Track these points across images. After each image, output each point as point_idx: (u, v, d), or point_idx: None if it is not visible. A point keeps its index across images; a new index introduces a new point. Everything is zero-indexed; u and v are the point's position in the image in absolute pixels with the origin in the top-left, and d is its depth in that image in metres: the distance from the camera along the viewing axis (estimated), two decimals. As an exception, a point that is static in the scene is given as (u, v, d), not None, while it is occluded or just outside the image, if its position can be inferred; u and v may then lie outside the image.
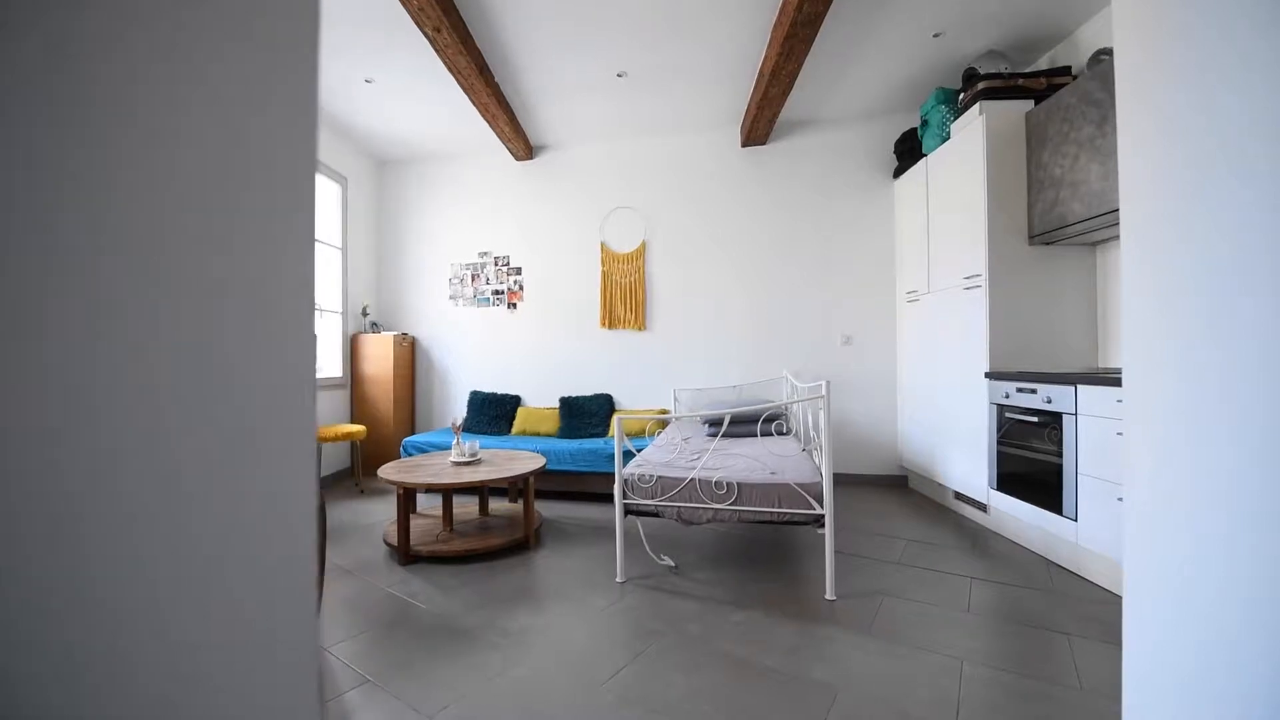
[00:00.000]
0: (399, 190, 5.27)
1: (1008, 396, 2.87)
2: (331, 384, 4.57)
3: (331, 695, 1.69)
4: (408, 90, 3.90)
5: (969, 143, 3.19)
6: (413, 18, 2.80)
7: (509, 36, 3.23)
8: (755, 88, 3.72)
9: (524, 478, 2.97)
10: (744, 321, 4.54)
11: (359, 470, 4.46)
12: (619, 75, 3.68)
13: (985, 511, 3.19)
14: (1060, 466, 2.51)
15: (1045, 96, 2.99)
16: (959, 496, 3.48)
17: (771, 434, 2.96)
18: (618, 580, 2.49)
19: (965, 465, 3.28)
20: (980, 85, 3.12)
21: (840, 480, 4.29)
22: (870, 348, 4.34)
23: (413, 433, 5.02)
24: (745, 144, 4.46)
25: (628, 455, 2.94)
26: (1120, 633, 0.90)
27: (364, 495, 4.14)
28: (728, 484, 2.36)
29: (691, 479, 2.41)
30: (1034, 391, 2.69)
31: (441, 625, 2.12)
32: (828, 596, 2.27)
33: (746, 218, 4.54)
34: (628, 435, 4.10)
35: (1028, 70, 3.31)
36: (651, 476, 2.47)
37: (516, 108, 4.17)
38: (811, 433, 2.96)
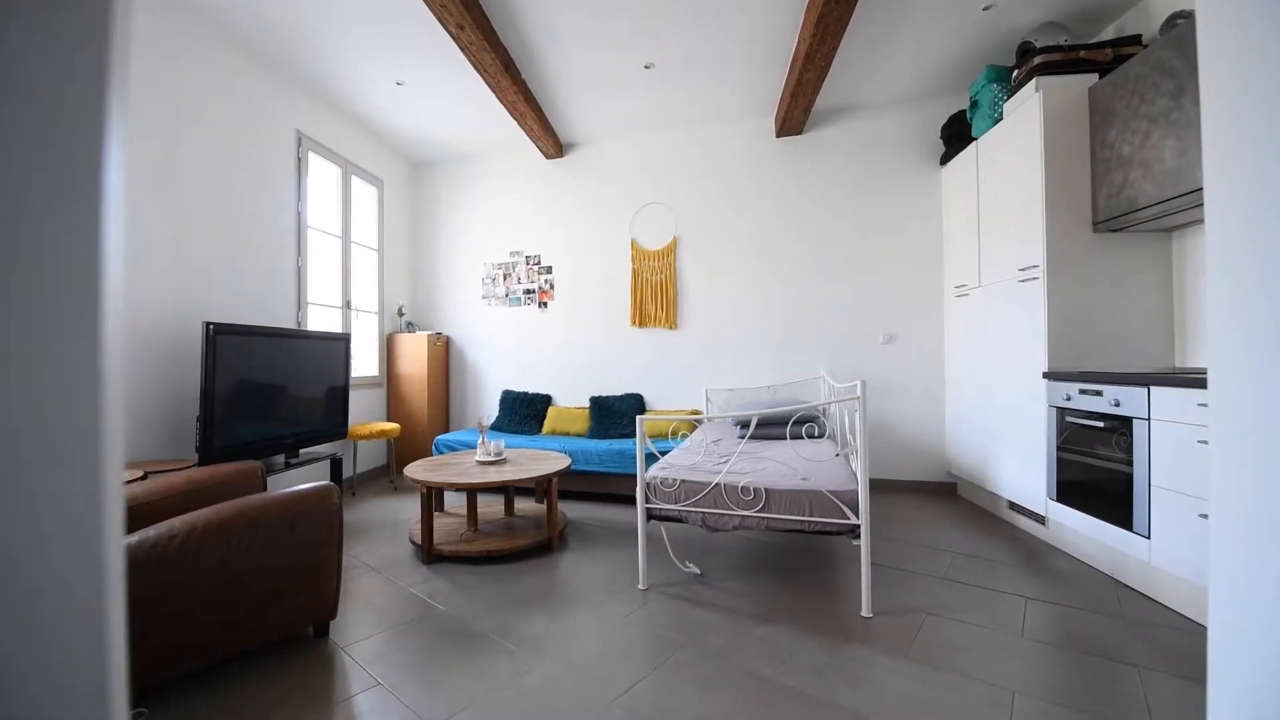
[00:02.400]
0: (433, 191, 5.35)
1: (1069, 399, 2.62)
2: (368, 383, 4.66)
3: (342, 697, 1.67)
4: (437, 91, 3.93)
5: (1024, 123, 2.94)
6: (435, 15, 2.79)
7: (532, 31, 3.19)
8: (788, 74, 3.56)
9: (548, 478, 2.92)
10: (779, 319, 4.37)
11: (393, 467, 4.54)
12: (646, 67, 3.59)
13: (1043, 524, 2.93)
14: (1130, 477, 2.26)
15: (1111, 69, 2.72)
16: (1013, 507, 3.22)
17: (803, 437, 2.80)
18: (639, 587, 2.40)
19: (1020, 473, 3.02)
20: (1037, 60, 2.86)
21: (882, 486, 4.06)
22: (915, 346, 4.09)
23: (447, 431, 5.08)
24: (779, 134, 4.28)
25: (654, 458, 2.85)
26: (1203, 667, 0.75)
27: (397, 492, 4.20)
28: (755, 489, 2.23)
29: (716, 484, 2.29)
30: (1099, 393, 2.43)
31: (457, 627, 2.08)
32: (863, 613, 2.10)
33: (781, 210, 4.36)
34: (659, 437, 4.00)
35: (1091, 41, 3.03)
36: (675, 480, 2.37)
37: (545, 105, 4.14)
38: (848, 436, 2.79)
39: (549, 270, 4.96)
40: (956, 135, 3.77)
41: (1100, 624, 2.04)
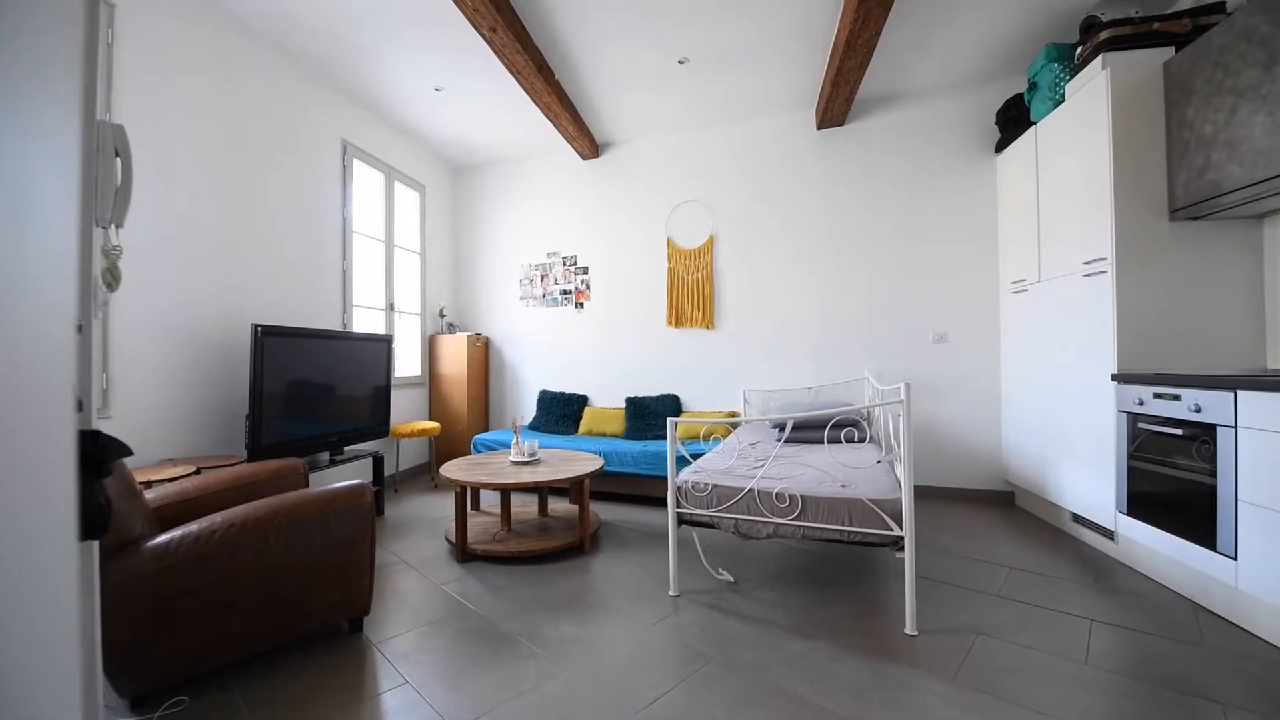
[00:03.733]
0: (472, 195, 5.44)
1: (1141, 403, 2.39)
2: (410, 383, 4.79)
3: (370, 694, 1.69)
4: (474, 96, 3.98)
5: (1089, 104, 2.71)
6: (468, 19, 2.82)
7: (564, 31, 3.18)
8: (829, 62, 3.41)
9: (580, 479, 2.90)
10: (821, 318, 4.21)
11: (434, 465, 4.64)
12: (680, 62, 3.52)
13: (1112, 539, 2.69)
14: (1213, 490, 2.04)
15: (1188, 42, 2.47)
16: (1078, 519, 2.98)
17: (842, 441, 2.67)
18: (670, 594, 2.34)
19: (1086, 483, 2.79)
20: (1103, 35, 2.64)
21: (933, 494, 3.86)
22: (968, 346, 3.86)
23: (486, 430, 5.16)
24: (820, 126, 4.13)
25: (688, 462, 2.78)
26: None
27: (438, 490, 4.29)
28: (790, 496, 2.14)
29: (750, 489, 2.21)
30: (1177, 398, 2.21)
31: (486, 628, 2.08)
32: (907, 631, 1.98)
33: (823, 205, 4.21)
34: (693, 439, 3.93)
35: (1166, 12, 2.77)
36: (707, 485, 2.30)
37: (579, 105, 4.13)
38: (893, 441, 2.64)
39: (585, 271, 4.96)
40: (1013, 120, 3.53)
41: (1177, 653, 1.84)
